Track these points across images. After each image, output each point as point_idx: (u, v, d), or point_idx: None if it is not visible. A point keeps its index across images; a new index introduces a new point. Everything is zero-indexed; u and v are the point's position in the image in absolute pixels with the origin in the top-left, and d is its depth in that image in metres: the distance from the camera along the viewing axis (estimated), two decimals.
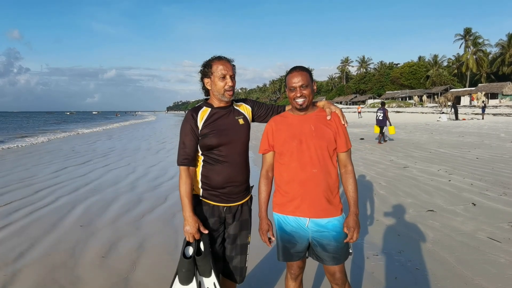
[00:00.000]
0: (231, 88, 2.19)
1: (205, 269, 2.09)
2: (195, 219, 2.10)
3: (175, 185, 7.26)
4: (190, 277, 2.07)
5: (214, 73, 2.19)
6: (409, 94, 70.34)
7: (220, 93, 2.19)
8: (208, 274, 2.10)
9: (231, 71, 2.21)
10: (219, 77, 2.18)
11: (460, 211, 5.10)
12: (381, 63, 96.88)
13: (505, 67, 62.16)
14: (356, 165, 9.10)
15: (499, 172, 7.72)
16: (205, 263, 2.08)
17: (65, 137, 23.42)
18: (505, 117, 30.47)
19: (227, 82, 2.18)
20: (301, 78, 2.08)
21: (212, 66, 2.21)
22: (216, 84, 2.19)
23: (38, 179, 8.10)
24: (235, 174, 2.21)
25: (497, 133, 17.16)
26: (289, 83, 2.11)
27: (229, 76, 2.19)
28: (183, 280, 2.07)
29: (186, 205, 2.11)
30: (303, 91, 2.07)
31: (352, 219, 2.08)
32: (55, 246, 4.16)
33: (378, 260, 3.61)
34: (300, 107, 2.10)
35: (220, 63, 2.20)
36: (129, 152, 13.43)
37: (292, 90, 2.09)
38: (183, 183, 2.13)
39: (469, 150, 11.38)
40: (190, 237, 2.08)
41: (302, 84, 2.07)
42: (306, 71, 2.13)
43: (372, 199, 5.90)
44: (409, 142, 14.58)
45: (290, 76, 2.11)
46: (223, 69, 2.18)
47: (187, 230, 2.08)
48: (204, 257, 2.08)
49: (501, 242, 3.93)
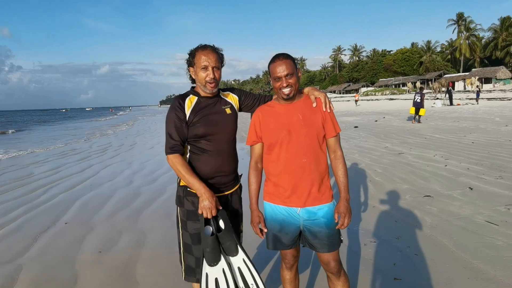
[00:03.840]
0: (212, 80, 2.11)
1: (230, 245, 2.04)
2: (211, 193, 2.03)
3: (172, 177, 7.23)
4: (217, 256, 2.02)
5: (197, 63, 2.13)
6: (402, 81, 70.37)
7: (202, 84, 2.14)
8: (235, 251, 2.06)
9: (214, 62, 2.12)
10: (201, 67, 2.11)
11: (457, 195, 5.12)
12: (374, 50, 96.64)
13: (498, 52, 62.26)
14: (351, 153, 9.11)
15: (495, 156, 7.76)
16: (229, 239, 2.03)
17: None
18: (499, 101, 30.60)
19: (208, 74, 2.10)
20: (285, 67, 2.00)
21: (195, 55, 2.14)
22: (198, 75, 2.13)
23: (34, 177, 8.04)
24: (223, 164, 2.18)
25: (492, 117, 17.24)
26: (273, 72, 2.03)
27: (211, 68, 2.11)
28: (211, 260, 2.02)
29: (196, 182, 2.04)
30: (289, 81, 2.01)
31: (343, 204, 2.03)
32: (52, 244, 4.13)
33: (376, 247, 3.61)
34: (287, 97, 2.05)
35: (204, 53, 2.12)
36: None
37: (278, 80, 2.02)
38: (180, 165, 2.07)
39: (465, 135, 11.42)
40: (209, 212, 2.00)
41: (288, 73, 2.00)
42: (290, 58, 2.04)
43: (368, 186, 5.91)
44: (403, 128, 14.60)
45: (274, 65, 2.03)
46: (205, 60, 2.10)
47: (205, 206, 2.00)
48: (227, 233, 2.03)
49: (499, 225, 3.95)
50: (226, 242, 2.03)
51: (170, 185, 6.65)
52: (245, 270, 2.07)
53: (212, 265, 2.02)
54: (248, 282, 2.09)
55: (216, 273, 2.04)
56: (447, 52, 74.61)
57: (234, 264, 2.08)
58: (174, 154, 2.09)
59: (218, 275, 2.04)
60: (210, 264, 2.02)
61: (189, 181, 2.06)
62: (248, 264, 2.07)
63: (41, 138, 20.75)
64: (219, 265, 2.03)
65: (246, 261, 2.07)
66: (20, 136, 23.41)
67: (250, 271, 2.07)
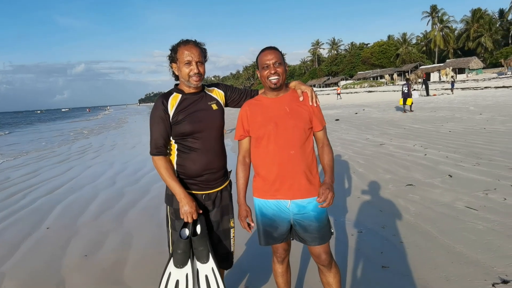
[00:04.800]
0: (196, 75, 2.10)
1: (202, 251, 2.04)
2: (191, 198, 2.05)
3: (155, 176, 7.15)
4: (186, 260, 2.03)
5: (180, 58, 2.11)
6: (380, 73, 71.58)
7: (186, 79, 2.11)
8: (205, 259, 2.05)
9: (197, 57, 2.10)
10: (184, 63, 2.09)
11: (437, 183, 5.27)
12: (352, 44, 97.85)
13: (470, 43, 64.19)
14: (333, 145, 9.21)
15: (471, 143, 8.01)
16: (202, 244, 2.03)
17: None
18: (472, 90, 31.55)
19: (192, 68, 2.09)
20: (274, 56, 2.04)
21: (178, 51, 2.12)
22: (181, 70, 2.11)
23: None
24: (211, 161, 2.16)
25: (467, 106, 17.76)
26: (262, 61, 2.06)
27: (195, 62, 2.09)
28: (178, 263, 2.02)
29: (176, 187, 2.05)
30: (277, 69, 2.03)
31: (327, 181, 2.00)
32: (35, 250, 4.02)
33: (363, 236, 3.69)
34: (274, 86, 2.06)
35: (186, 48, 2.10)
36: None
37: (266, 68, 2.04)
38: (163, 168, 2.07)
39: (442, 124, 11.74)
40: (189, 216, 2.02)
41: (276, 62, 2.03)
42: (277, 50, 2.10)
43: (351, 178, 6.00)
44: (383, 120, 14.89)
45: (263, 55, 2.07)
46: (188, 55, 2.08)
47: (185, 211, 2.02)
48: (201, 238, 2.03)
49: (478, 210, 4.10)
50: (199, 247, 2.04)
51: (154, 184, 6.57)
52: (212, 280, 2.08)
53: (179, 267, 2.03)
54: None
55: (179, 276, 2.04)
56: (422, 44, 76.29)
57: (202, 271, 2.08)
58: (158, 156, 2.08)
59: (180, 278, 2.04)
60: (176, 265, 2.03)
61: (170, 185, 2.08)
62: (216, 274, 2.07)
63: (16, 140, 20.08)
64: (184, 269, 2.04)
65: (215, 270, 2.07)
66: None
67: (217, 282, 2.07)
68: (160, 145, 2.08)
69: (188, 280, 2.04)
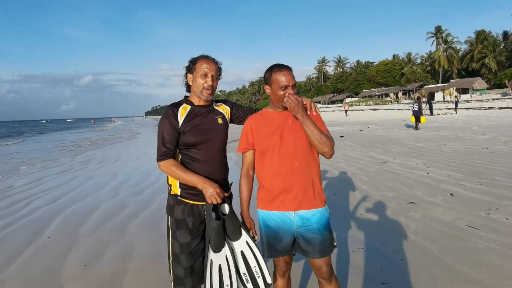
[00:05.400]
0: (210, 87, 2.20)
1: (235, 229, 2.08)
2: (211, 181, 2.08)
3: (159, 188, 7.17)
4: (222, 242, 2.05)
5: (197, 69, 2.21)
6: (385, 92, 71.95)
7: (199, 89, 2.20)
8: (238, 235, 2.09)
9: (214, 71, 2.22)
10: (201, 74, 2.20)
11: (439, 201, 5.26)
12: (358, 62, 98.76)
13: (474, 63, 64.53)
14: (337, 162, 9.23)
15: (473, 163, 8.00)
16: (233, 222, 2.08)
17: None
18: (476, 110, 31.57)
19: (207, 80, 2.20)
20: (291, 77, 2.09)
21: (197, 62, 2.23)
22: (196, 81, 2.21)
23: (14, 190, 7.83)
24: (212, 173, 2.21)
25: (470, 126, 17.76)
26: (280, 80, 2.08)
27: (211, 76, 2.21)
28: (216, 246, 2.04)
29: (193, 177, 2.08)
30: (294, 90, 2.09)
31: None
32: (35, 258, 4.03)
33: (364, 253, 3.67)
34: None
35: (205, 61, 2.22)
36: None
37: (284, 88, 2.07)
38: (174, 166, 2.11)
39: (445, 143, 11.73)
40: (217, 197, 2.03)
41: (293, 84, 2.09)
42: (292, 70, 2.15)
43: (354, 195, 6.00)
44: (387, 138, 14.90)
45: (281, 74, 2.08)
46: (206, 67, 2.20)
47: (211, 193, 2.03)
48: (230, 216, 2.07)
49: (479, 229, 4.08)
50: (230, 226, 2.07)
51: (157, 197, 6.59)
52: (248, 253, 2.11)
53: (217, 251, 2.05)
54: (251, 265, 2.12)
55: (220, 260, 2.07)
56: (426, 64, 76.85)
57: (237, 248, 2.11)
58: (166, 160, 2.12)
59: (222, 262, 2.07)
60: (214, 250, 2.05)
61: (187, 179, 2.10)
62: (252, 246, 2.11)
63: (19, 149, 20.24)
64: (222, 251, 2.06)
65: (250, 243, 2.11)
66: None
67: (254, 253, 2.11)
68: (168, 151, 2.13)
69: (229, 261, 2.07)
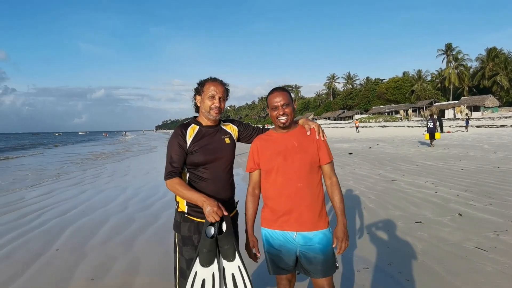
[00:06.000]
0: (217, 108, 2.30)
1: (229, 249, 2.06)
2: (212, 199, 2.08)
3: (167, 203, 7.24)
4: (212, 259, 2.05)
5: (205, 92, 2.32)
6: (395, 109, 71.73)
7: (207, 110, 2.31)
8: (232, 257, 2.07)
9: (221, 93, 2.32)
10: (209, 96, 2.30)
11: (447, 221, 5.20)
12: (367, 79, 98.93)
13: (486, 81, 64.08)
14: (345, 179, 9.21)
15: (483, 182, 7.90)
16: (228, 242, 2.06)
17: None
18: (487, 128, 31.23)
19: (215, 102, 2.29)
20: (282, 98, 2.18)
21: (205, 85, 2.34)
22: (204, 102, 2.31)
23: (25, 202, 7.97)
24: (219, 191, 2.27)
25: (481, 144, 17.57)
26: (271, 102, 2.21)
27: (218, 98, 2.30)
28: (204, 262, 2.05)
29: (194, 195, 2.10)
30: (285, 110, 2.17)
31: (340, 229, 2.15)
32: (44, 271, 4.09)
33: (369, 273, 3.65)
34: (283, 125, 2.20)
35: (213, 84, 2.32)
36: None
37: (275, 109, 2.19)
38: (178, 185, 2.15)
39: (455, 162, 11.61)
40: (214, 215, 2.02)
41: (284, 103, 2.17)
42: (286, 91, 2.24)
43: (361, 213, 5.97)
44: (396, 155, 14.80)
45: (272, 96, 2.22)
46: (213, 90, 2.30)
47: (208, 211, 2.03)
48: (227, 236, 2.06)
49: (488, 251, 4.02)
50: (225, 245, 2.06)
51: (165, 211, 6.65)
52: (239, 278, 2.09)
53: (204, 266, 2.05)
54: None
55: (205, 275, 2.06)
56: (437, 81, 76.55)
57: (228, 269, 2.10)
58: (172, 178, 2.18)
59: (206, 277, 2.06)
60: (202, 264, 2.05)
61: (188, 197, 2.13)
62: (243, 272, 2.09)
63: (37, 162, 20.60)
64: (210, 267, 2.06)
65: (241, 269, 2.08)
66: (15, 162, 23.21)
67: (244, 280, 2.08)
68: (175, 170, 2.20)
69: (215, 279, 2.06)
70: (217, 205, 2.08)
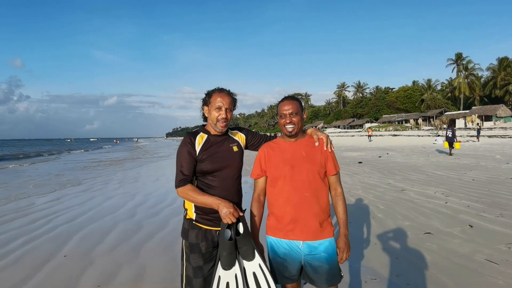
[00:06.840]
0: (223, 120, 2.30)
1: (248, 249, 2.08)
2: (227, 201, 2.12)
3: (175, 210, 7.26)
4: (233, 261, 2.07)
5: (212, 103, 2.33)
6: (405, 118, 71.21)
7: (213, 122, 2.32)
8: (251, 256, 2.09)
9: (228, 104, 2.32)
10: (215, 107, 2.31)
11: (457, 233, 5.11)
12: (377, 87, 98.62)
13: (497, 90, 63.27)
14: (355, 188, 9.14)
15: (495, 193, 7.77)
16: (247, 243, 2.07)
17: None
18: (500, 138, 30.75)
19: (221, 113, 2.30)
20: (291, 106, 2.20)
21: (212, 96, 2.35)
22: (211, 113, 2.33)
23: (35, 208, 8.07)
24: (227, 199, 2.27)
25: (493, 154, 17.29)
26: (280, 110, 2.24)
27: (225, 109, 2.31)
28: (225, 264, 2.06)
29: (208, 199, 2.14)
30: (292, 118, 2.19)
31: (342, 240, 2.15)
32: (51, 276, 4.12)
33: (376, 284, 3.60)
34: (289, 134, 2.21)
35: (220, 95, 2.33)
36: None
37: (283, 117, 2.22)
38: (191, 191, 2.18)
39: (465, 172, 11.45)
40: (231, 216, 2.05)
41: (292, 112, 2.19)
42: (296, 100, 2.26)
43: (370, 223, 5.91)
44: (406, 165, 14.65)
45: (281, 104, 2.25)
46: (220, 101, 2.31)
47: (225, 213, 2.06)
48: (245, 237, 2.07)
49: (499, 264, 3.94)
50: (243, 246, 2.07)
51: (173, 218, 6.66)
52: (260, 276, 2.10)
53: (226, 269, 2.07)
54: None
55: (228, 277, 2.08)
56: (447, 90, 75.86)
57: (249, 269, 2.11)
58: (183, 186, 2.20)
59: (230, 280, 2.08)
60: (224, 267, 2.07)
61: (203, 201, 2.16)
62: (264, 270, 2.10)
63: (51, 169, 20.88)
64: (232, 269, 2.08)
65: (262, 267, 2.10)
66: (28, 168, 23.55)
67: (265, 277, 2.10)
68: (186, 178, 2.22)
69: (238, 280, 2.08)
70: (232, 206, 2.10)
